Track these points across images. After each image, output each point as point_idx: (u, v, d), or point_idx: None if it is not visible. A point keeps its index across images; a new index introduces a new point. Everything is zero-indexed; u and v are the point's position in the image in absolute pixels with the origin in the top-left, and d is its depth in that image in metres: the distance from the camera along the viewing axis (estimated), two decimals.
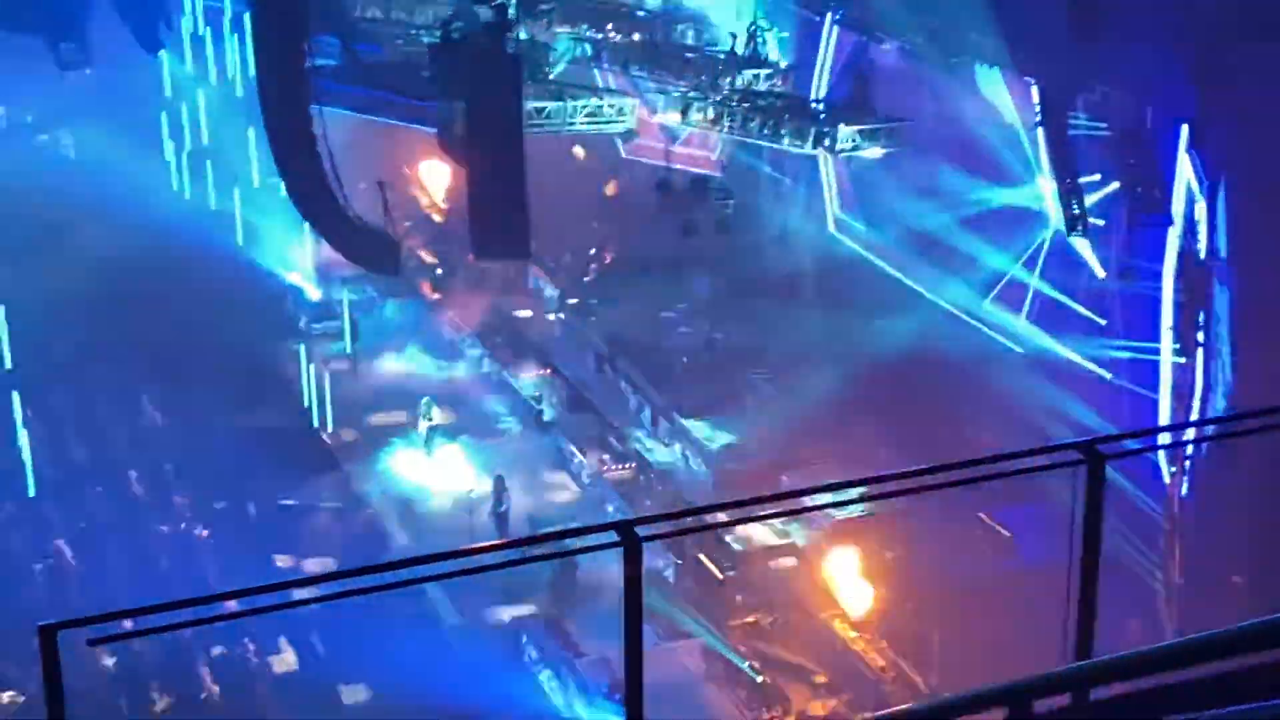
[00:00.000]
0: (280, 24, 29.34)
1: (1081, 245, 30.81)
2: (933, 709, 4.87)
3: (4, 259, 40.36)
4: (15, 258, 41.04)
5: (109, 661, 27.90)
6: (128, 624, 5.89)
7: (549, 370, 40.91)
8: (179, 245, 42.70)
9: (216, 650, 29.15)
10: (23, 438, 35.08)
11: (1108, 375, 30.94)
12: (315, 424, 38.11)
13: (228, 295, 42.81)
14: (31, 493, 34.40)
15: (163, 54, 43.23)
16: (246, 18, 33.26)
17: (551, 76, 33.95)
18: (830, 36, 36.42)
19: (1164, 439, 26.27)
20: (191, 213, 44.73)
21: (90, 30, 38.89)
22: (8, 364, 36.62)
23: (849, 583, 30.32)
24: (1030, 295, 32.89)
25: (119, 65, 41.43)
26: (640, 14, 36.10)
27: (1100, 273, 31.11)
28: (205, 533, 32.51)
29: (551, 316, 43.64)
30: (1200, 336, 27.74)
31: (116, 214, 42.64)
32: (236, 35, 43.63)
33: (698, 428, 36.29)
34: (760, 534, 32.04)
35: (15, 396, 35.72)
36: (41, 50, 38.27)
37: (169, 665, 28.43)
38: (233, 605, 6.38)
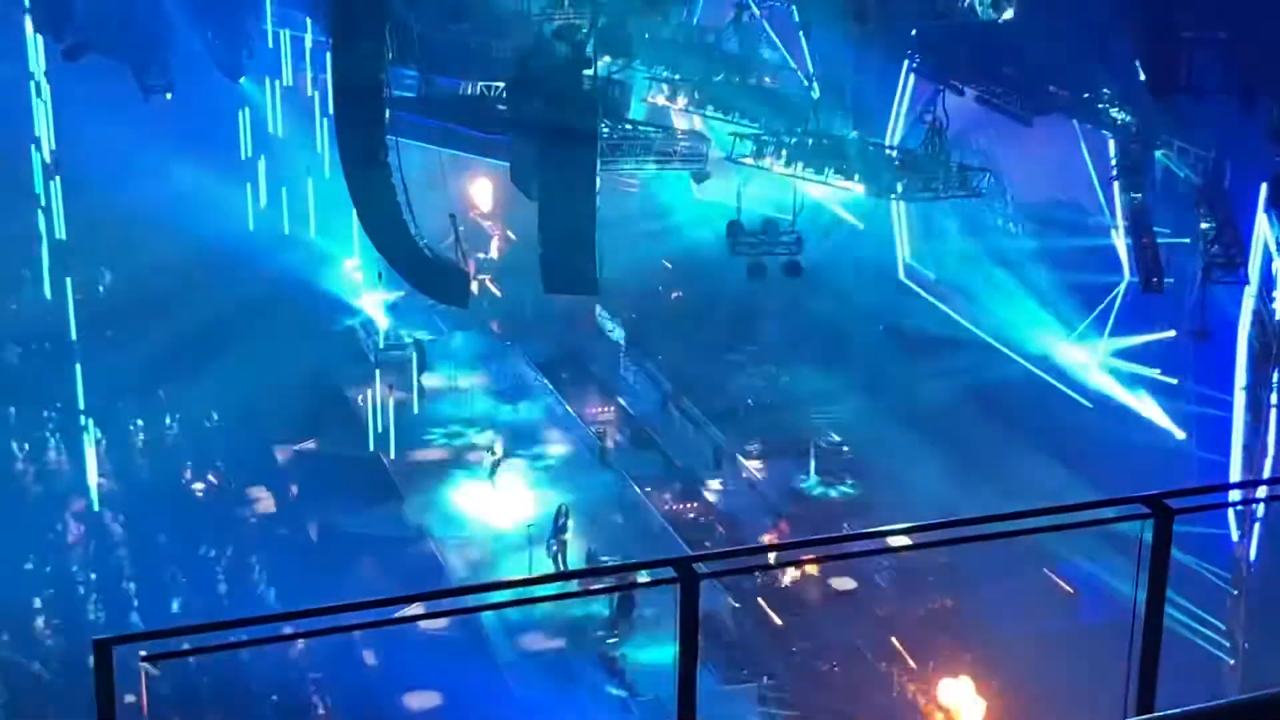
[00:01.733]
0: (359, 55, 29.60)
1: (1156, 301, 30.54)
2: None
3: (82, 286, 40.84)
4: (93, 279, 41.57)
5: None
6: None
7: (614, 407, 40.93)
8: (251, 270, 43.14)
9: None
10: (90, 458, 35.49)
11: (1179, 434, 30.59)
12: (379, 453, 38.24)
13: (298, 321, 43.17)
14: (95, 508, 34.84)
15: (243, 81, 43.72)
16: (327, 55, 33.55)
17: (627, 114, 34.05)
18: (907, 84, 36.37)
19: (1234, 497, 25.90)
20: (265, 238, 45.14)
21: (173, 57, 39.42)
22: (81, 404, 37.09)
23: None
24: (1101, 350, 32.62)
25: (200, 92, 41.91)
26: (717, 55, 36.17)
27: (1172, 331, 30.82)
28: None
29: (618, 353, 43.70)
30: (1275, 398, 27.38)
31: (191, 239, 43.10)
32: (315, 65, 44.05)
33: (761, 469, 36.16)
34: (820, 578, 31.81)
35: (88, 425, 36.16)
36: (126, 76, 38.80)
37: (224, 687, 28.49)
38: (288, 627, 6.37)
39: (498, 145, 33.07)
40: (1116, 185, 30.22)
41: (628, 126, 33.54)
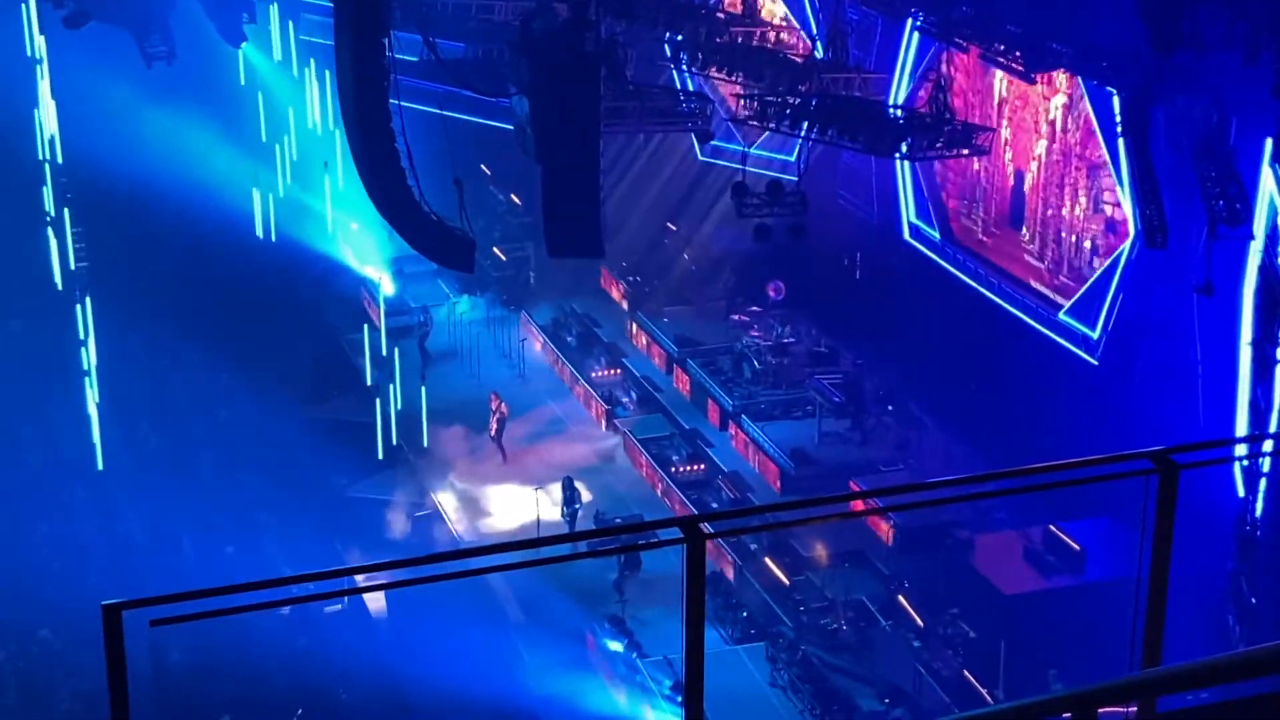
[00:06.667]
0: (362, 20, 29.48)
1: (1160, 258, 30.46)
2: (997, 715, 4.81)
3: (89, 252, 40.88)
4: (98, 249, 41.60)
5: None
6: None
7: (619, 370, 40.96)
8: (254, 235, 43.14)
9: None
10: (94, 423, 35.61)
11: (1185, 390, 30.53)
12: (384, 418, 38.32)
13: (303, 287, 43.22)
14: (100, 466, 35.04)
15: (245, 47, 43.64)
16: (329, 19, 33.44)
17: (629, 76, 33.92)
18: (910, 42, 36.22)
19: (1240, 450, 25.87)
20: (268, 204, 45.11)
21: (175, 24, 39.36)
22: (92, 360, 37.15)
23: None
24: (1106, 307, 32.55)
25: (202, 58, 41.86)
26: (720, 16, 36.05)
27: (1178, 286, 30.73)
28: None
29: (623, 316, 43.77)
30: (1279, 353, 27.34)
31: (196, 206, 43.11)
32: (317, 29, 43.92)
33: (767, 430, 36.23)
34: (826, 536, 31.87)
35: (90, 383, 36.23)
36: (128, 43, 38.73)
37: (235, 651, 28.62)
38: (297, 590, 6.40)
39: (501, 108, 33.03)
40: (1121, 142, 30.11)
41: (630, 88, 33.42)
